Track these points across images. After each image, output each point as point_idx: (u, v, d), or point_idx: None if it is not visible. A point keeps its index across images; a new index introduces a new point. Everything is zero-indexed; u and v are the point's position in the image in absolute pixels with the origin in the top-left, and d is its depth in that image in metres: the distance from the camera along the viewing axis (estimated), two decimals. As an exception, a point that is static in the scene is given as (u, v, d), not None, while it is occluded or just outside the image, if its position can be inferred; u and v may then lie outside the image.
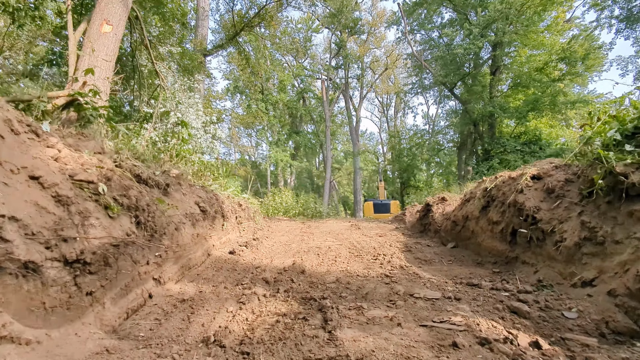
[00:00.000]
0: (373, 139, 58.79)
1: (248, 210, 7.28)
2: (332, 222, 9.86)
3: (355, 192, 34.85)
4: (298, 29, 33.21)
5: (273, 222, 9.65)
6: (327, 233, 7.44)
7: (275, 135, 27.22)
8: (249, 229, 7.06)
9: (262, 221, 8.78)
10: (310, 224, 9.53)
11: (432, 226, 6.91)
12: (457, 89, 21.09)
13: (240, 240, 5.69)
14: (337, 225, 8.92)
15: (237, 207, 6.51)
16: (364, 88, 42.69)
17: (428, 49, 23.11)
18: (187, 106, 6.46)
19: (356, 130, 37.29)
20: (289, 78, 28.41)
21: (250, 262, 4.56)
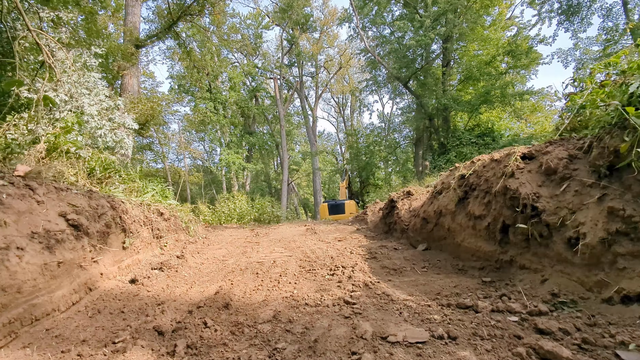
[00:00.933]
0: (331, 139, 58.47)
1: (175, 220, 5.80)
2: (285, 227, 8.61)
3: (315, 194, 33.89)
4: (247, 25, 31.60)
5: (216, 231, 8.19)
6: (276, 241, 6.19)
7: (227, 137, 25.34)
8: (177, 243, 5.59)
9: (200, 231, 7.31)
10: (260, 230, 8.20)
11: (398, 225, 5.95)
12: (410, 84, 20.89)
13: (155, 261, 4.26)
14: (290, 230, 7.70)
15: (157, 217, 5.03)
16: (319, 87, 42.03)
17: (380, 45, 22.75)
18: (82, 86, 4.86)
19: (313, 130, 36.39)
20: (239, 76, 26.69)
21: (155, 294, 3.19)
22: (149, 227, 4.67)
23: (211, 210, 19.56)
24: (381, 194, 20.89)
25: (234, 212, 19.28)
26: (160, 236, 4.96)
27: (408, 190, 6.25)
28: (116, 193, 4.38)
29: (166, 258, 4.51)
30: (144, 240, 4.40)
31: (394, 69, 18.52)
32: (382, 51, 23.08)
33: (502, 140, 17.51)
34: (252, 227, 9.83)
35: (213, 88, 25.64)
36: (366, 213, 7.98)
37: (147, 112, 12.19)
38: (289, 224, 10.13)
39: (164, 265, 4.09)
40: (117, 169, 4.77)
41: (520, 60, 18.33)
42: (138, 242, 4.22)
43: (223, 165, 23.57)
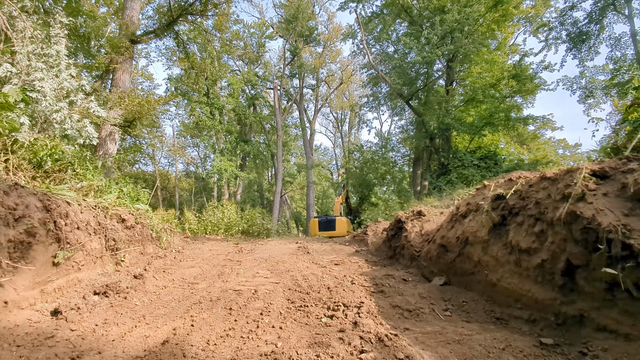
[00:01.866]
0: (327, 154, 57.99)
1: (143, 228, 4.83)
2: (274, 243, 7.63)
3: (308, 208, 32.96)
4: (251, 33, 31.28)
5: (195, 243, 7.19)
6: (262, 261, 5.24)
7: (222, 144, 24.44)
8: (141, 257, 4.61)
9: (176, 243, 6.32)
10: (245, 246, 7.22)
11: (407, 250, 5.06)
12: (412, 101, 20.43)
13: (100, 282, 3.29)
14: (279, 247, 6.74)
15: (115, 223, 4.08)
16: (319, 101, 41.78)
17: (383, 61, 22.40)
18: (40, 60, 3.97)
19: (310, 144, 35.80)
20: (239, 83, 26.08)
21: (78, 337, 2.23)
22: (101, 237, 3.71)
23: (198, 219, 18.46)
24: (377, 213, 20.04)
25: (222, 221, 18.20)
26: (117, 248, 3.99)
27: (419, 210, 5.40)
28: (62, 192, 3.44)
29: (118, 278, 3.54)
30: (90, 253, 3.44)
31: (398, 85, 18.02)
32: (384, 68, 22.75)
33: (504, 164, 16.92)
34: (237, 241, 8.83)
35: (211, 93, 24.93)
36: (366, 233, 7.08)
37: (134, 109, 11.30)
38: (279, 240, 9.15)
39: (111, 289, 3.12)
40: (69, 162, 3.83)
41: (524, 85, 18.00)
42: (80, 256, 3.26)
43: (214, 172, 22.58)
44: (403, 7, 19.81)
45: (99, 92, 13.53)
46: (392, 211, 17.43)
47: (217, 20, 23.08)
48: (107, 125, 15.36)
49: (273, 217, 24.56)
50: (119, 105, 11.14)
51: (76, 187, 3.85)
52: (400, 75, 18.17)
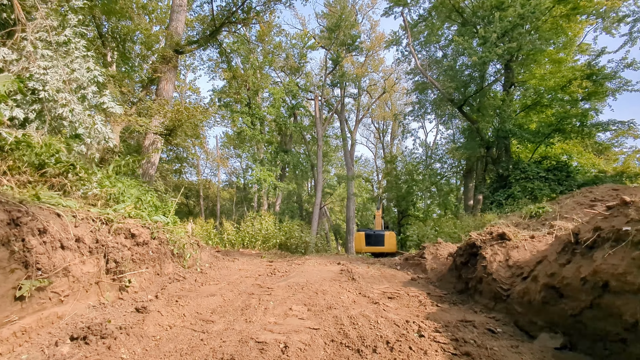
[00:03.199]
0: (368, 165, 56.54)
1: (160, 245, 4.10)
2: (312, 264, 6.62)
3: (348, 221, 31.78)
4: (293, 44, 31.37)
5: (225, 260, 6.42)
6: (297, 289, 4.25)
7: (262, 154, 24.29)
8: (155, 279, 3.86)
9: (203, 259, 5.57)
10: (279, 265, 6.30)
11: (487, 286, 3.80)
12: (464, 108, 18.68)
13: (88, 319, 2.51)
14: (318, 270, 5.73)
15: (123, 240, 3.35)
16: (360, 111, 40.90)
17: (432, 65, 20.94)
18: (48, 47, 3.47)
19: (351, 154, 34.81)
20: (280, 92, 25.99)
21: None
22: (99, 257, 2.97)
23: (236, 229, 18.11)
24: (423, 229, 18.33)
25: (259, 233, 17.66)
26: (121, 271, 3.23)
27: (500, 232, 4.11)
28: (53, 200, 2.75)
29: (112, 313, 2.74)
30: (80, 279, 2.68)
31: (450, 88, 16.43)
32: (432, 73, 21.27)
33: (578, 177, 14.55)
34: (271, 258, 7.96)
35: (252, 103, 25.04)
36: (423, 256, 5.83)
37: (173, 117, 11.14)
38: (318, 258, 8.14)
39: (94, 332, 2.31)
40: (71, 164, 3.19)
41: (601, 86, 15.56)
42: (63, 284, 2.51)
43: (254, 182, 22.36)
44: (454, 8, 18.38)
45: (143, 102, 13.76)
46: (443, 227, 15.72)
47: (260, 31, 23.27)
48: (150, 134, 15.64)
49: (312, 229, 23.71)
50: (158, 112, 11.03)
51: (78, 194, 3.17)
52: (452, 79, 16.62)
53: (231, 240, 17.71)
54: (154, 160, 15.00)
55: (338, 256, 9.00)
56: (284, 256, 8.73)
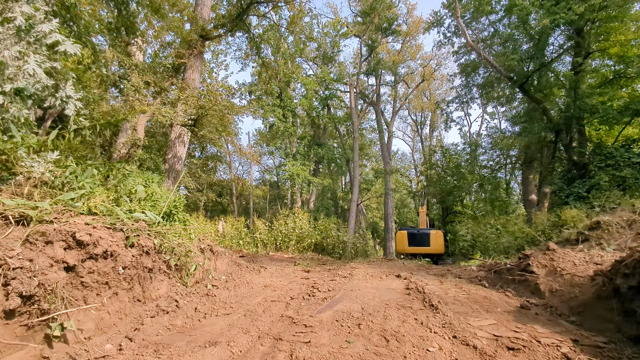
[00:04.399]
0: (405, 160, 53.65)
1: (140, 257, 2.67)
2: (362, 275, 4.96)
3: (386, 218, 29.74)
4: (325, 33, 29.72)
5: (248, 271, 4.94)
6: (350, 329, 2.63)
7: (294, 148, 22.97)
8: (128, 312, 2.41)
9: (219, 269, 4.12)
10: (319, 279, 4.71)
11: None
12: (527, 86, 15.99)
13: None
14: (373, 287, 4.07)
15: (65, 251, 1.93)
16: (397, 101, 38.49)
17: (484, 43, 18.33)
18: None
19: (388, 148, 32.62)
20: (312, 83, 24.52)
21: None
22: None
23: (269, 228, 16.89)
24: (479, 229, 15.98)
25: (293, 232, 16.30)
26: (44, 310, 1.79)
27: None
28: None
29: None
30: None
31: (512, 61, 13.84)
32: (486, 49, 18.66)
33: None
34: (307, 265, 6.40)
35: (284, 95, 23.78)
36: (530, 270, 3.95)
37: (196, 103, 9.98)
38: (367, 266, 6.44)
39: None
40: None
41: None
42: None
43: (287, 178, 21.10)
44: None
45: (167, 91, 12.82)
46: (508, 227, 13.40)
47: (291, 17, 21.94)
48: (176, 127, 14.77)
49: (349, 227, 22.03)
50: (184, 102, 9.92)
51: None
52: (514, 52, 14.08)
53: (263, 240, 16.52)
54: (181, 154, 14.09)
55: (389, 263, 7.24)
56: (321, 262, 7.15)
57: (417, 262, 6.84)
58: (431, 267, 6.19)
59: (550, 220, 11.41)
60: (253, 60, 22.84)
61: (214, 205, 40.63)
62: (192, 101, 9.95)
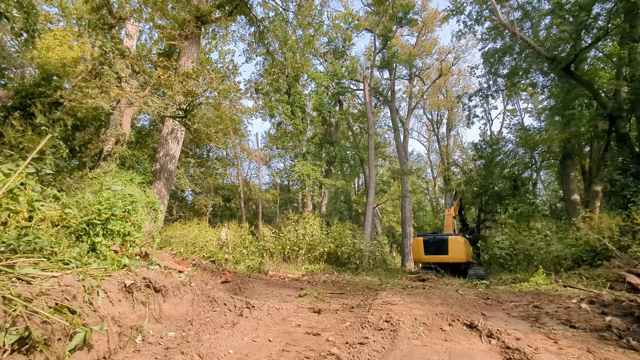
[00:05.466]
0: (421, 161, 51.17)
1: None
2: (408, 324, 3.03)
3: (404, 222, 27.59)
4: (335, 25, 27.95)
5: (225, 310, 3.07)
6: None
7: (304, 147, 21.18)
8: None
9: (178, 311, 2.26)
10: (336, 335, 2.79)
11: None
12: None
13: None
14: (435, 353, 2.17)
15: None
16: (412, 99, 36.39)
17: (518, 20, 16.16)
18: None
19: (404, 148, 30.51)
20: (323, 77, 22.75)
21: None
22: None
23: (276, 235, 15.07)
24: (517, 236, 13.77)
25: (303, 240, 14.43)
26: None
27: None
28: None
29: None
30: None
31: (564, 32, 11.61)
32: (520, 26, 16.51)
33: None
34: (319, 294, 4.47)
35: (292, 91, 22.06)
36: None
37: (184, 89, 8.29)
38: (407, 300, 4.38)
39: None
40: None
41: None
42: None
43: (296, 179, 19.33)
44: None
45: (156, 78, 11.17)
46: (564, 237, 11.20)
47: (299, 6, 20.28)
48: (168, 121, 13.14)
49: (365, 233, 20.02)
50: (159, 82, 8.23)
51: None
52: (562, 24, 11.92)
53: (270, 249, 14.72)
54: (174, 152, 12.44)
55: (435, 291, 5.19)
56: (338, 287, 5.21)
57: (476, 291, 4.90)
58: (503, 301, 4.20)
59: (617, 224, 9.22)
60: (259, 53, 21.25)
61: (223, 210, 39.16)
62: (176, 83, 8.25)
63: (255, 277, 6.36)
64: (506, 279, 11.52)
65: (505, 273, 12.74)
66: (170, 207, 21.39)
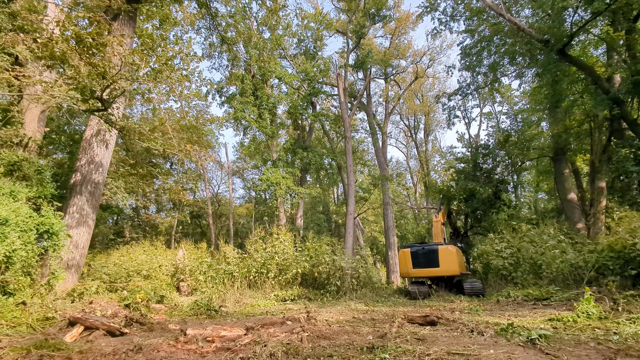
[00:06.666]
0: (400, 167, 49.95)
1: None
2: None
3: (387, 232, 25.67)
4: (306, 25, 26.25)
5: None
6: None
7: (274, 153, 18.91)
8: None
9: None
10: None
11: None
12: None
13: None
14: None
15: None
16: (389, 103, 35.17)
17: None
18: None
19: (383, 153, 28.87)
20: (293, 77, 20.79)
21: None
22: None
23: (239, 258, 12.59)
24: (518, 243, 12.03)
25: (272, 260, 12.02)
26: None
27: None
28: None
29: None
30: None
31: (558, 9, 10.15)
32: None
33: None
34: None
35: (260, 93, 19.87)
36: None
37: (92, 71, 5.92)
38: None
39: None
40: None
41: None
42: None
43: (263, 189, 17.00)
44: None
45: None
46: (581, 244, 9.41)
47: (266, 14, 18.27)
48: (93, 119, 10.57)
49: (346, 246, 17.81)
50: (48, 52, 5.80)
51: None
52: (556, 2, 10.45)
53: (232, 273, 12.21)
54: (100, 158, 9.86)
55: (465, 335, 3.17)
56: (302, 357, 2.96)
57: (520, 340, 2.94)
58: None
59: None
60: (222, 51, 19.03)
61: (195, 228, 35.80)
62: (75, 56, 5.84)
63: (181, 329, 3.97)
64: (516, 296, 9.65)
65: (510, 287, 10.85)
66: (121, 229, 18.41)
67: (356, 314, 6.89)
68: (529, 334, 3.33)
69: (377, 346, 3.04)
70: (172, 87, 21.21)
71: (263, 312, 7.68)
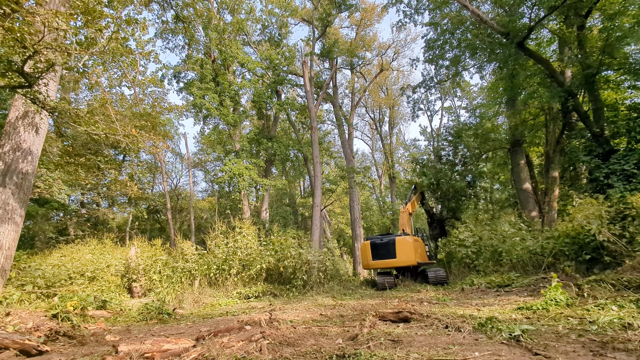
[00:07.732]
0: (366, 160, 50.46)
1: None
2: None
3: (353, 223, 25.70)
4: (270, 11, 25.17)
5: None
6: None
7: (237, 143, 17.94)
8: None
9: None
10: None
11: None
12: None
13: None
14: None
15: None
16: (355, 95, 35.16)
17: None
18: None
19: (349, 145, 28.73)
20: (257, 64, 19.82)
21: None
22: None
23: (199, 254, 11.75)
24: (481, 231, 12.32)
25: (234, 256, 11.32)
26: None
27: None
28: None
29: None
30: None
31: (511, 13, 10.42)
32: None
33: None
34: None
35: (221, 79, 18.71)
36: None
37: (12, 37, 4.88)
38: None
39: None
40: None
41: None
42: None
43: (225, 180, 16.07)
44: None
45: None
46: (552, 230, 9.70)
47: None
48: (18, 99, 9.20)
49: (312, 240, 17.45)
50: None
51: None
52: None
53: (190, 271, 11.37)
54: (29, 145, 8.57)
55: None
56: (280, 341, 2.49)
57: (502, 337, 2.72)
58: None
59: (608, 209, 7.81)
60: (176, 29, 17.56)
61: (153, 224, 33.58)
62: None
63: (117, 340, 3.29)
64: (480, 284, 9.83)
65: (473, 274, 11.09)
66: (64, 225, 16.59)
67: (324, 310, 6.51)
68: (510, 330, 3.07)
69: (349, 354, 2.61)
70: (124, 72, 19.33)
71: (223, 313, 7.06)
